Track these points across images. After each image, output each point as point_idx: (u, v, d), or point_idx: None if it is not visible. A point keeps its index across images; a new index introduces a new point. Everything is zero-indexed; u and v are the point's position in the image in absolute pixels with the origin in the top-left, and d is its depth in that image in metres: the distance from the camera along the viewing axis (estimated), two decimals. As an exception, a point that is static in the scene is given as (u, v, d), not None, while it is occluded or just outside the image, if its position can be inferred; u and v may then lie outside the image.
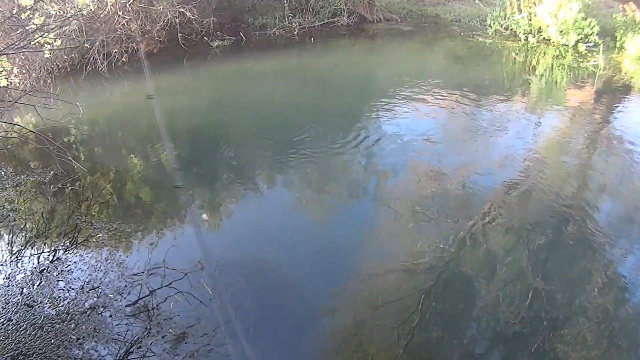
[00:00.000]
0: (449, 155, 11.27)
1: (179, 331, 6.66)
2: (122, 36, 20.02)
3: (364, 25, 24.97)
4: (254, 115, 14.71)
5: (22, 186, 11.05)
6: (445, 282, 7.53)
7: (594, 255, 7.98)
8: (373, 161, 11.47)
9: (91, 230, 9.19)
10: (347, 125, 13.37)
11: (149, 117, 15.00)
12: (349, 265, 8.05)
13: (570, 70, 17.57)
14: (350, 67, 19.72)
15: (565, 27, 19.28)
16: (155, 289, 7.53)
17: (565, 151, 11.38)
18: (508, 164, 10.61)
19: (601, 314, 6.76)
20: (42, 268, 8.12)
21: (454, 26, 23.96)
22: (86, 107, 13.91)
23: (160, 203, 10.58)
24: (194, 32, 21.75)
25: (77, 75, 18.55)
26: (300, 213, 9.92)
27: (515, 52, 19.80)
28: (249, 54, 20.97)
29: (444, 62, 19.57)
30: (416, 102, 14.62)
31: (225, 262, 8.15)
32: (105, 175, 11.69)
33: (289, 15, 23.99)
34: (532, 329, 6.50)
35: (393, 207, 9.44)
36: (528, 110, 13.99)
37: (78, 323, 6.86)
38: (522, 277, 7.39)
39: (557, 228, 8.64)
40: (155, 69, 19.83)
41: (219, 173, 11.50)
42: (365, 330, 6.81)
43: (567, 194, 9.54)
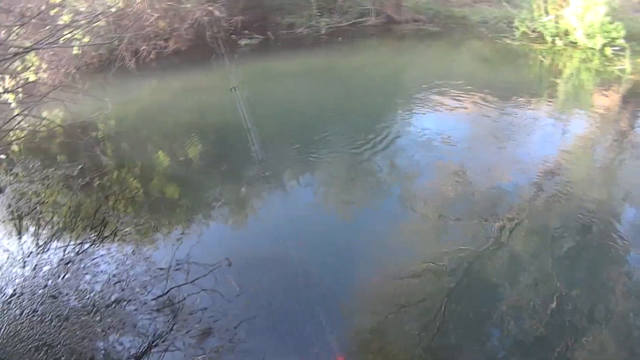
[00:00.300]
0: (475, 158, 11.17)
1: (204, 326, 6.65)
2: (150, 33, 20.10)
3: (392, 26, 24.84)
4: (280, 113, 14.74)
5: (50, 179, 11.14)
6: (468, 285, 7.46)
7: (618, 263, 7.84)
8: (398, 162, 11.40)
9: (117, 224, 9.23)
10: (373, 126, 13.32)
11: (175, 115, 15.07)
12: (373, 265, 7.99)
13: (596, 74, 17.39)
14: (377, 68, 19.65)
15: (592, 31, 19.05)
16: (180, 284, 7.52)
17: (590, 156, 11.27)
18: (533, 168, 10.47)
19: (624, 323, 6.65)
20: (67, 260, 8.15)
21: (481, 28, 23.79)
22: (114, 104, 13.99)
23: (186, 199, 10.60)
24: (222, 30, 21.81)
25: (106, 71, 18.69)
26: (326, 212, 9.87)
27: (542, 55, 19.59)
28: (277, 53, 20.98)
29: (471, 64, 19.47)
30: (442, 103, 14.55)
31: (253, 259, 8.14)
32: (133, 170, 11.75)
33: (316, 15, 23.98)
34: (554, 335, 6.41)
35: (417, 208, 9.37)
36: (554, 113, 13.82)
37: (103, 316, 6.88)
38: (546, 283, 7.29)
39: (582, 234, 8.52)
40: (184, 66, 19.93)
41: (244, 170, 11.50)
42: (386, 331, 6.75)
43: (592, 200, 9.39)
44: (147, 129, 14.64)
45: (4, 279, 7.84)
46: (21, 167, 11.91)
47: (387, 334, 6.74)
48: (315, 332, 6.73)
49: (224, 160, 12.10)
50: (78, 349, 6.36)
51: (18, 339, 6.58)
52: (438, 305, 6.99)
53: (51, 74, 15.76)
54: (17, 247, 8.80)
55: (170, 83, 18.33)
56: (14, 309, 7.14)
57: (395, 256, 8.12)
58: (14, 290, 7.52)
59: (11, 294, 7.45)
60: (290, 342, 6.63)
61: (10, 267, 8.14)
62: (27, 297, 7.35)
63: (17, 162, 12.24)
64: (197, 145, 13.07)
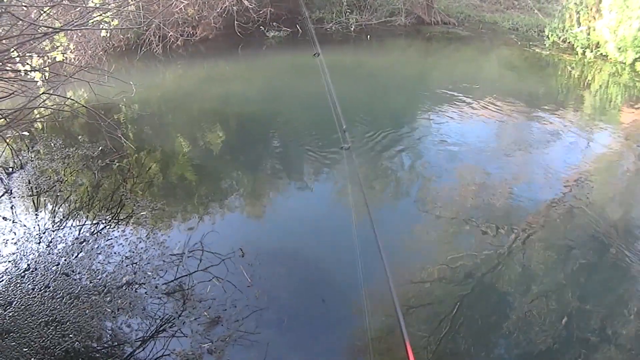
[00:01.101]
0: (495, 165, 11.15)
1: (212, 315, 6.67)
2: (178, 20, 20.19)
3: (421, 27, 24.78)
4: (304, 107, 14.75)
5: (70, 159, 11.21)
6: (479, 292, 7.44)
7: (632, 281, 7.80)
8: (418, 164, 11.37)
9: (134, 207, 9.27)
10: (396, 126, 13.30)
11: (199, 102, 15.12)
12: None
13: (625, 89, 17.16)
14: (404, 68, 19.65)
15: (624, 44, 18.83)
16: (192, 271, 7.55)
17: (613, 172, 11.18)
18: (553, 180, 10.41)
19: (635, 341, 6.63)
20: (82, 239, 8.20)
21: (511, 35, 23.65)
22: (139, 87, 14.02)
23: (204, 186, 10.63)
24: (250, 21, 21.86)
25: (132, 55, 18.78)
26: (343, 209, 9.82)
27: (571, 66, 19.38)
28: (304, 47, 20.90)
29: (498, 71, 19.38)
30: (467, 108, 14.49)
31: (266, 251, 8.14)
32: (153, 154, 11.81)
33: (346, 11, 23.97)
34: (563, 349, 6.38)
35: (434, 212, 9.35)
36: (579, 126, 13.65)
37: (114, 297, 6.91)
38: (558, 296, 7.25)
39: (598, 250, 8.44)
40: (210, 54, 20.04)
41: (264, 162, 11.51)
42: (395, 332, 6.75)
43: (610, 217, 9.30)
44: (169, 114, 14.70)
45: (20, 253, 7.91)
46: (43, 144, 12.00)
47: (396, 336, 6.71)
48: (323, 329, 6.76)
49: (244, 150, 12.12)
50: (86, 328, 6.40)
51: (29, 312, 6.64)
52: (448, 310, 6.97)
53: (78, 54, 15.89)
54: (34, 223, 8.86)
55: (196, 70, 18.41)
56: (27, 283, 7.20)
57: (409, 258, 8.12)
58: (28, 265, 7.58)
59: (25, 268, 7.52)
60: (297, 336, 6.66)
61: (26, 242, 8.20)
62: (41, 272, 7.41)
63: (40, 139, 12.34)
64: (219, 134, 13.11)
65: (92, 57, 16.67)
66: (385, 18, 24.69)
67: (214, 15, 20.80)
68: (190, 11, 20.30)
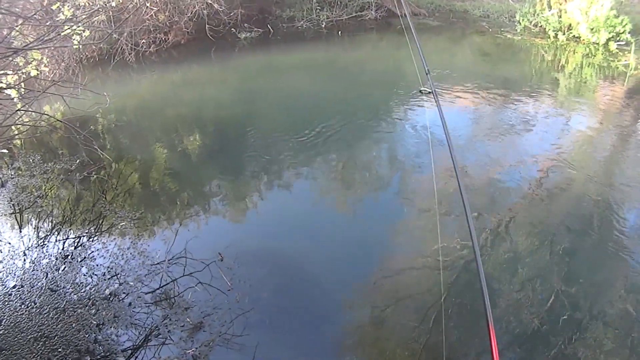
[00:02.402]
0: (475, 152, 11.30)
1: (197, 320, 6.78)
2: (149, 27, 20.22)
3: (392, 20, 24.80)
4: (280, 107, 14.86)
5: (50, 173, 11.27)
6: (466, 280, 7.55)
7: (618, 260, 7.90)
8: (398, 156, 11.53)
9: (115, 218, 9.37)
10: (373, 120, 13.45)
11: (175, 108, 15.19)
12: (370, 260, 8.10)
13: (600, 70, 17.37)
14: (377, 62, 19.73)
15: (596, 25, 18.98)
16: (175, 278, 7.66)
17: (592, 152, 11.31)
18: (534, 163, 10.56)
19: (623, 320, 6.71)
20: (66, 254, 8.30)
21: (482, 22, 23.76)
22: (114, 97, 14.06)
23: (183, 192, 10.71)
24: (221, 23, 21.90)
25: (105, 65, 18.78)
26: (323, 206, 9.96)
27: (544, 50, 19.55)
28: (276, 47, 21.04)
29: (472, 59, 19.50)
30: (443, 98, 14.61)
31: (246, 254, 8.24)
32: (131, 164, 11.88)
33: (316, 8, 24.02)
34: (553, 331, 6.49)
35: (417, 203, 9.50)
36: (556, 109, 13.84)
37: (99, 308, 7.02)
38: (545, 279, 7.37)
39: (582, 230, 8.59)
40: (183, 59, 20.04)
41: (241, 164, 11.60)
42: (384, 325, 6.84)
43: (593, 196, 9.46)
44: (146, 122, 14.74)
45: (5, 271, 8.00)
46: (22, 161, 12.05)
47: (385, 328, 6.82)
48: (310, 326, 6.86)
49: (222, 154, 12.22)
50: (74, 341, 6.51)
51: (18, 329, 6.74)
52: (436, 300, 7.09)
53: (52, 68, 15.90)
54: (18, 240, 8.96)
55: (170, 76, 18.43)
56: (14, 300, 7.30)
57: (393, 250, 8.26)
58: (15, 283, 7.67)
59: (12, 286, 7.61)
60: (282, 336, 6.76)
61: (11, 260, 8.30)
62: (27, 289, 7.51)
63: (19, 156, 12.38)
64: (196, 139, 13.19)
65: (66, 70, 16.70)
66: (355, 13, 24.77)
67: (184, 20, 20.85)
68: (161, 17, 20.32)
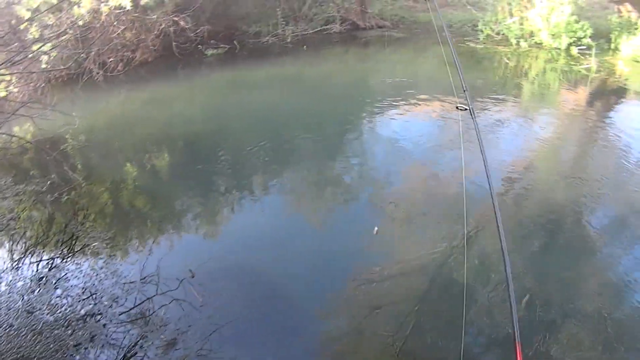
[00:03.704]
0: (443, 160, 11.53)
1: (172, 337, 6.90)
2: (117, 45, 20.20)
3: (357, 33, 25.04)
4: (248, 123, 14.95)
5: (22, 195, 11.29)
6: (440, 285, 7.73)
7: (588, 258, 8.22)
8: (368, 167, 11.77)
9: (87, 238, 9.45)
10: (342, 132, 13.68)
11: (143, 126, 15.25)
12: (344, 270, 8.23)
13: (562, 74, 17.82)
14: (343, 75, 19.94)
15: (558, 31, 19.48)
16: (149, 296, 7.77)
17: (558, 155, 11.63)
18: (502, 168, 10.78)
19: (597, 316, 6.91)
20: (41, 276, 8.39)
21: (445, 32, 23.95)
22: (83, 117, 14.12)
23: (155, 210, 10.83)
24: (188, 40, 21.92)
25: (74, 84, 18.67)
26: (295, 220, 10.12)
27: (507, 57, 19.92)
28: (243, 62, 21.10)
29: (436, 69, 19.70)
30: (410, 108, 14.85)
31: (218, 269, 8.36)
32: (101, 184, 11.93)
33: (282, 23, 24.09)
34: (528, 332, 6.62)
35: (388, 212, 9.69)
36: (520, 114, 14.15)
37: (75, 329, 7.12)
38: (517, 280, 7.49)
39: (552, 231, 8.87)
40: (151, 77, 20.01)
41: (212, 179, 11.73)
42: (361, 334, 6.96)
43: (561, 197, 9.77)
44: (115, 141, 14.75)
45: (-19, 295, 8.05)
46: (-6, 184, 12.06)
47: (363, 337, 6.94)
48: (285, 339, 6.98)
49: (192, 171, 12.33)
50: (52, 362, 6.60)
51: (-4, 353, 6.82)
52: (412, 306, 7.24)
53: (21, 89, 15.89)
54: (-7, 263, 9.00)
55: (138, 94, 18.43)
56: (-9, 324, 7.37)
57: (367, 260, 8.39)
58: (-9, 306, 7.74)
59: (-12, 310, 7.67)
60: (258, 350, 6.88)
61: (-14, 284, 8.35)
62: (4, 312, 7.59)
63: (-10, 179, 12.38)
64: (166, 156, 13.29)
65: (35, 90, 16.68)
66: (321, 27, 24.90)
67: (151, 37, 20.84)
68: (128, 35, 20.33)
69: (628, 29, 18.71)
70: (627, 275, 7.73)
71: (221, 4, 24.24)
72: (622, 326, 6.83)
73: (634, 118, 13.96)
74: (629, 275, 7.73)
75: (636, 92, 15.96)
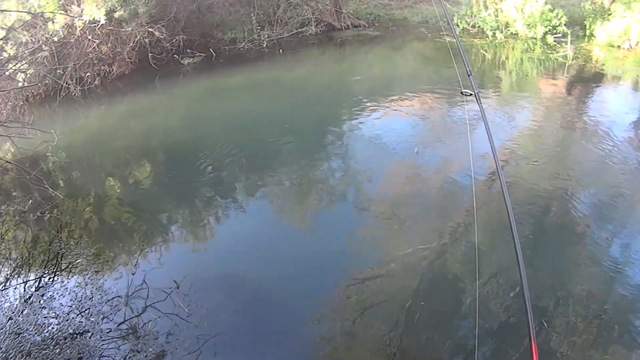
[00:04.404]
0: (426, 156, 11.59)
1: (158, 350, 6.87)
2: (93, 59, 20.12)
3: (332, 34, 25.11)
4: (228, 131, 14.95)
5: (5, 216, 11.25)
6: (431, 281, 7.75)
7: (577, 243, 8.28)
8: (350, 167, 11.76)
9: (72, 256, 9.42)
10: (322, 134, 13.70)
11: (123, 140, 15.18)
12: (333, 273, 8.25)
13: (539, 63, 17.98)
14: (321, 76, 20.01)
15: (532, 21, 19.68)
16: (137, 310, 7.76)
17: (541, 143, 11.64)
18: (485, 160, 10.73)
19: (589, 300, 6.98)
20: (27, 296, 8.35)
21: (421, 28, 24.06)
22: (62, 133, 14.06)
23: (139, 224, 10.77)
24: (164, 51, 21.84)
25: (52, 101, 18.60)
26: (281, 225, 10.09)
27: (484, 49, 20.03)
28: (220, 70, 21.03)
29: (413, 65, 19.79)
30: (389, 106, 14.92)
31: (204, 278, 8.38)
32: (84, 200, 11.91)
33: (257, 28, 24.04)
34: (522, 320, 6.66)
35: (374, 211, 9.70)
36: (501, 105, 14.20)
37: (63, 348, 7.09)
38: (508, 271, 7.56)
39: (539, 219, 8.92)
40: (129, 90, 19.93)
41: (195, 189, 11.69)
42: (355, 335, 6.96)
43: (546, 185, 9.81)
44: (96, 156, 14.73)
45: (-32, 318, 7.99)
46: (-24, 206, 11.98)
47: (356, 338, 6.94)
48: (275, 344, 6.95)
49: (174, 181, 12.31)
50: (41, 382, 6.56)
51: (-15, 375, 6.77)
52: (404, 304, 7.25)
53: (0, 108, 15.81)
54: (-22, 286, 8.93)
55: (117, 108, 18.35)
56: (-21, 347, 7.31)
57: (357, 261, 8.38)
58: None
59: (-24, 333, 7.61)
60: (253, 354, 6.88)
61: (-28, 307, 8.29)
62: (-9, 335, 7.53)
63: (-28, 201, 12.31)
64: (147, 169, 13.26)
65: (13, 109, 16.59)
66: (296, 30, 24.92)
67: (127, 50, 20.77)
68: (103, 49, 20.27)
69: (602, 15, 18.81)
70: (616, 258, 7.81)
71: (195, 13, 24.27)
72: (615, 308, 6.90)
73: (613, 102, 14.16)
74: (617, 258, 7.81)
75: (613, 76, 16.12)
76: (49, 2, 17.75)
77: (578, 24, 19.78)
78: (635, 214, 9.01)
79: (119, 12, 19.30)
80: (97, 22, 18.37)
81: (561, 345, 6.39)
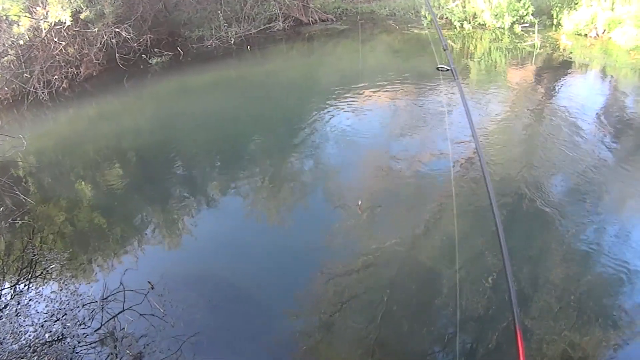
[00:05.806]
0: (398, 148, 11.67)
1: (136, 351, 6.83)
2: (60, 62, 19.92)
3: (300, 28, 25.12)
4: (199, 128, 14.90)
5: (-24, 224, 11.10)
6: (407, 272, 7.80)
7: (550, 230, 8.38)
8: (322, 162, 11.80)
9: (45, 262, 9.37)
10: (294, 129, 13.70)
11: (94, 142, 15.04)
12: (309, 268, 8.27)
13: (508, 52, 18.15)
14: (289, 72, 19.97)
15: (500, 11, 19.89)
16: (113, 312, 7.78)
17: (510, 133, 11.78)
18: (456, 150, 10.91)
19: (564, 285, 7.11)
20: (2, 305, 8.25)
21: (389, 20, 24.17)
22: (31, 138, 13.92)
23: (112, 227, 10.71)
24: (131, 51, 21.66)
25: (20, 106, 18.42)
26: (254, 222, 10.09)
27: (452, 40, 20.11)
28: (188, 68, 20.92)
29: (382, 57, 19.79)
30: (359, 99, 14.93)
31: (179, 278, 8.40)
32: (56, 204, 11.80)
33: (224, 25, 23.91)
34: (498, 307, 6.76)
35: (347, 205, 9.73)
36: (471, 95, 14.23)
37: (40, 355, 7.04)
38: (482, 259, 7.68)
39: (512, 207, 9.02)
40: (97, 92, 19.75)
41: (168, 189, 11.68)
42: (334, 328, 7.01)
43: (516, 173, 9.94)
44: (66, 160, 14.60)
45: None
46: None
47: (335, 332, 7.00)
48: (252, 341, 6.93)
49: (146, 183, 12.31)
50: (20, 390, 6.50)
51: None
52: (381, 296, 7.32)
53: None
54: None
55: (86, 110, 18.17)
56: (-44, 357, 7.23)
57: (332, 255, 8.41)
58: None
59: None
60: (225, 354, 6.89)
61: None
62: (-33, 345, 7.44)
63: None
64: (118, 171, 13.15)
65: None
66: (264, 26, 24.83)
67: (94, 51, 20.57)
68: (70, 50, 20.05)
69: (569, 4, 19.11)
70: (588, 242, 7.99)
71: (162, 12, 24.12)
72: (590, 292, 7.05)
73: (581, 89, 14.37)
74: (589, 242, 7.99)
75: (581, 64, 16.34)
76: (13, 4, 17.56)
77: (545, 13, 20.05)
78: (604, 199, 9.17)
79: (85, 12, 19.07)
80: (62, 24, 18.22)
81: (540, 328, 6.46)
